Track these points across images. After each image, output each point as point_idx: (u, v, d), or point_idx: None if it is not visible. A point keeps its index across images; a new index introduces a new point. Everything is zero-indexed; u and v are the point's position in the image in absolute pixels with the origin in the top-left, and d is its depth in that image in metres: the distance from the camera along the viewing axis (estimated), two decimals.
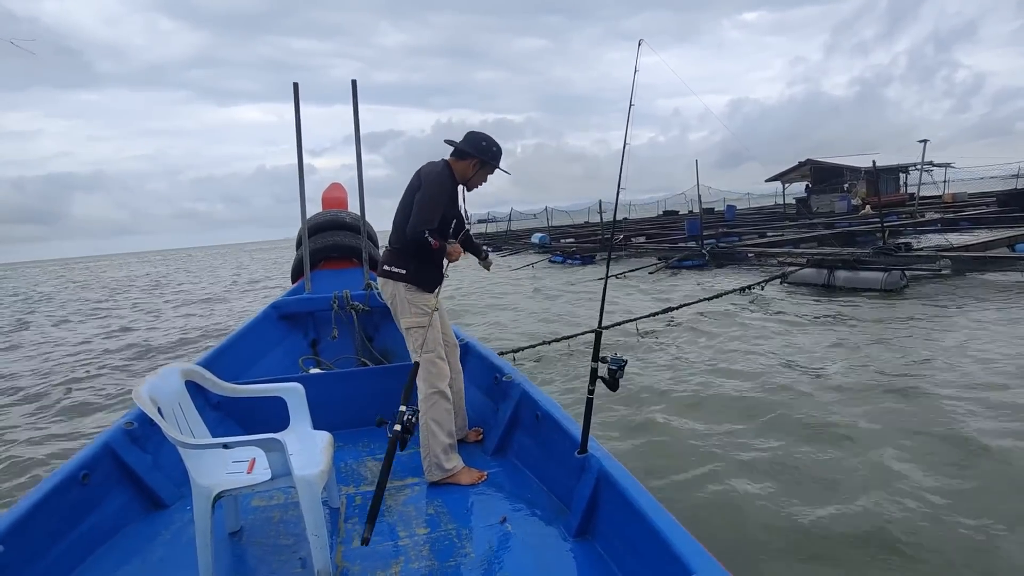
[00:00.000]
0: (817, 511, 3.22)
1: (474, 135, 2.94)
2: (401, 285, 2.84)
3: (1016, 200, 21.19)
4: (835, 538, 2.98)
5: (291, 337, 4.70)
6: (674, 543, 1.75)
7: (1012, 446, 3.80)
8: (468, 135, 2.96)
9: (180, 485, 2.69)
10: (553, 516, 2.47)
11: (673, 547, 1.74)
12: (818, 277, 10.74)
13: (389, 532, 2.44)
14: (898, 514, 3.13)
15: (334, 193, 5.85)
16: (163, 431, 1.96)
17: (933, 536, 2.94)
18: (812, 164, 34.27)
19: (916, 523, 3.05)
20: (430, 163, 2.93)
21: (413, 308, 2.84)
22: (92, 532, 2.34)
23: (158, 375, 2.25)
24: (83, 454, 2.47)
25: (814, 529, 3.07)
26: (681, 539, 1.77)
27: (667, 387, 5.63)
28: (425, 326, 2.79)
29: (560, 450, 2.55)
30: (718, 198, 36.98)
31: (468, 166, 2.91)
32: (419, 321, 2.82)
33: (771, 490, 3.49)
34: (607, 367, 2.30)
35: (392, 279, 2.86)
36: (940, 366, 5.58)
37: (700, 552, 1.70)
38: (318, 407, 2.74)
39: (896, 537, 2.94)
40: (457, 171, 2.91)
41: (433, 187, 2.77)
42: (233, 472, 2.21)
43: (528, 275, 17.74)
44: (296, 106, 4.67)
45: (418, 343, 2.80)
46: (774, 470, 3.76)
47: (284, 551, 2.33)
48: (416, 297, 2.85)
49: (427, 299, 2.87)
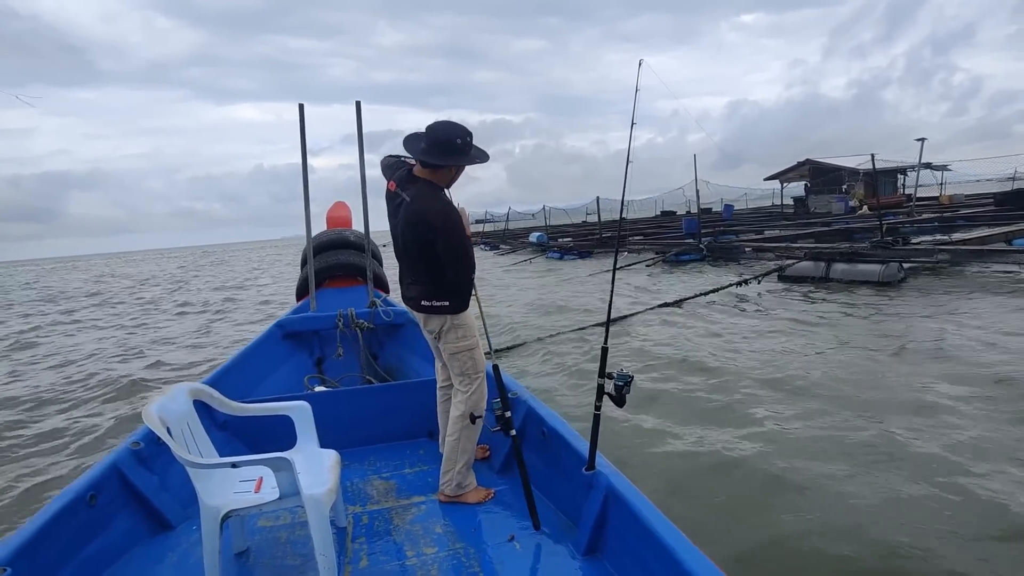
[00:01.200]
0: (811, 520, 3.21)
1: (443, 137, 2.63)
2: (448, 316, 2.75)
3: (1013, 199, 21.29)
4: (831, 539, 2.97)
5: (296, 355, 4.71)
6: (685, 561, 1.74)
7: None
8: (435, 139, 2.63)
9: (187, 506, 2.69)
10: (561, 534, 2.46)
11: (684, 565, 1.73)
12: (815, 270, 10.66)
13: (396, 551, 2.43)
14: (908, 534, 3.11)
15: (338, 212, 5.90)
16: (172, 451, 1.97)
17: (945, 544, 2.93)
18: (811, 164, 34.28)
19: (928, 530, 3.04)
20: (434, 198, 2.66)
21: (460, 331, 2.77)
22: (99, 554, 2.33)
23: (167, 395, 2.26)
24: (90, 475, 2.47)
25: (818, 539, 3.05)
26: (692, 557, 1.75)
27: (663, 385, 5.62)
28: (473, 347, 2.77)
29: (567, 467, 2.54)
30: (716, 197, 36.76)
31: (450, 171, 2.71)
32: (467, 344, 2.78)
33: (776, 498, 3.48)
34: (613, 383, 2.29)
35: (437, 313, 2.76)
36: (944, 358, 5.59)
37: (711, 569, 1.68)
38: (324, 425, 2.74)
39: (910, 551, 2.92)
40: (442, 182, 2.72)
41: (461, 231, 2.65)
42: (240, 492, 2.21)
43: (525, 269, 17.72)
44: (302, 128, 4.72)
45: (467, 366, 2.77)
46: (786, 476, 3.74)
47: (291, 572, 2.32)
48: (462, 320, 2.78)
49: (470, 319, 2.82)
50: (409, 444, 3.47)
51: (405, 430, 3.54)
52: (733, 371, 5.82)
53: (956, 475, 3.55)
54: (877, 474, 3.67)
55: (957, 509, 3.21)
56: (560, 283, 13.71)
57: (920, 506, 3.30)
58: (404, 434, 3.54)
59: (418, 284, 2.78)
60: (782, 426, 4.55)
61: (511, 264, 19.41)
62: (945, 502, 3.30)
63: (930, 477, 3.56)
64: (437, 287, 2.72)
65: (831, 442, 4.18)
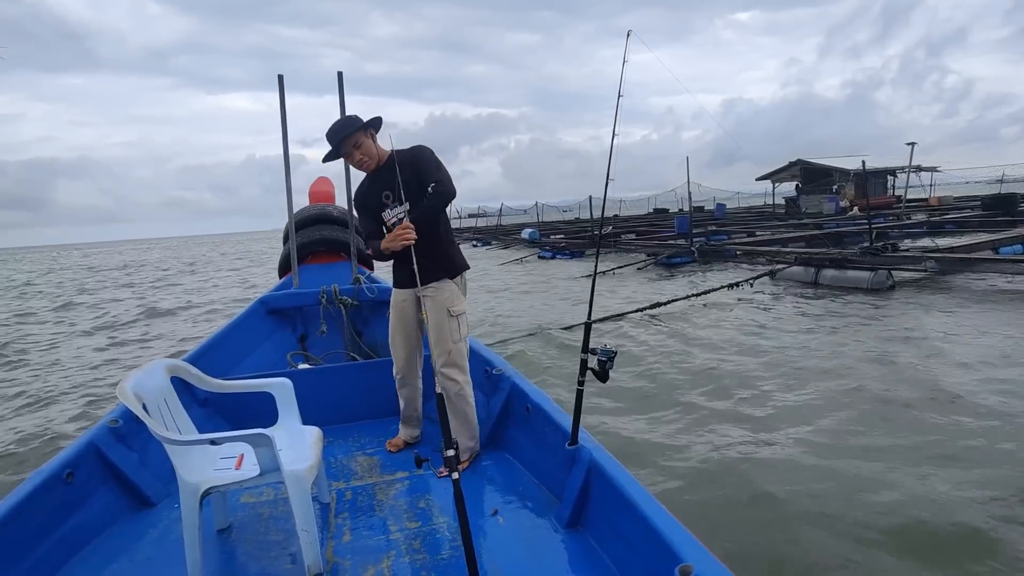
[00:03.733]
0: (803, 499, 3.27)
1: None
2: (457, 278, 2.88)
3: (1000, 204, 21.60)
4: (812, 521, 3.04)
5: (279, 333, 4.66)
6: (665, 533, 1.76)
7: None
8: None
9: (167, 483, 2.66)
10: (544, 508, 2.47)
11: (664, 537, 1.74)
12: (805, 275, 10.80)
13: (380, 526, 2.43)
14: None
15: (321, 187, 5.80)
16: (148, 428, 1.93)
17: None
18: (802, 164, 34.45)
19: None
20: (397, 150, 2.85)
21: (462, 293, 2.90)
22: (77, 531, 2.31)
23: (142, 371, 2.21)
24: (66, 453, 2.43)
25: (803, 516, 3.12)
26: (672, 529, 1.77)
27: (647, 382, 5.66)
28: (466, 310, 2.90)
29: (551, 442, 2.55)
30: (708, 197, 37.07)
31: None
32: (465, 306, 2.90)
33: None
34: (597, 358, 2.29)
35: (431, 280, 2.83)
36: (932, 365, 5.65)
37: (691, 542, 1.70)
38: (307, 403, 2.72)
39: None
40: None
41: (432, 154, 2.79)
42: (221, 469, 2.19)
43: (517, 269, 17.75)
44: (281, 98, 4.61)
45: (464, 330, 2.87)
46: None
47: (274, 547, 2.32)
48: (463, 281, 2.93)
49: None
50: (393, 421, 3.47)
51: (390, 407, 3.53)
52: (716, 371, 5.87)
53: None
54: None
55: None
56: (551, 284, 13.71)
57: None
58: (389, 411, 3.53)
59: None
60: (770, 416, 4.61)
61: (502, 263, 19.42)
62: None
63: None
64: (440, 252, 2.85)
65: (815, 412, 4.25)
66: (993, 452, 3.71)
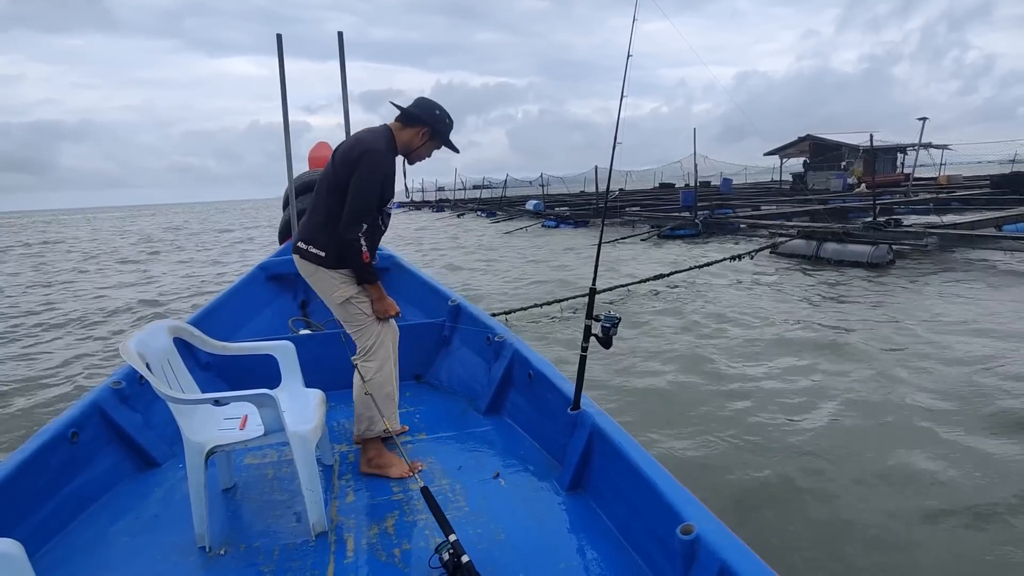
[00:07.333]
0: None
1: (427, 101, 2.55)
2: (323, 269, 2.52)
3: (1010, 182, 21.25)
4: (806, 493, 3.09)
5: (280, 299, 4.66)
6: (666, 494, 1.77)
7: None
8: (419, 100, 2.56)
9: (172, 444, 2.68)
10: (546, 471, 2.50)
11: (666, 498, 1.76)
12: (807, 248, 10.80)
13: (383, 487, 2.46)
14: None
15: (321, 152, 5.72)
16: (153, 387, 1.93)
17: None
18: (811, 140, 33.84)
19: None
20: (369, 130, 2.52)
21: (341, 277, 2.56)
22: (83, 490, 2.33)
23: (145, 331, 2.20)
24: (70, 413, 2.44)
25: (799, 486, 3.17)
26: (673, 490, 1.79)
27: (654, 348, 5.69)
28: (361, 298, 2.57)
29: (553, 407, 2.56)
30: (715, 171, 36.32)
31: (416, 135, 2.51)
32: (355, 291, 2.57)
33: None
34: (600, 324, 2.29)
35: (310, 261, 2.52)
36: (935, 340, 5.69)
37: (692, 502, 1.72)
38: (309, 368, 2.72)
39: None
40: (401, 140, 2.51)
41: (375, 172, 2.38)
42: (225, 429, 2.20)
43: (522, 237, 17.68)
44: (280, 59, 4.51)
45: (364, 315, 2.61)
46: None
47: (279, 507, 2.34)
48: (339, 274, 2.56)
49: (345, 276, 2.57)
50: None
51: None
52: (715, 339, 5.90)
53: None
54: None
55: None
56: (554, 252, 13.66)
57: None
58: None
59: (313, 223, 2.54)
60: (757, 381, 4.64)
61: (506, 232, 19.33)
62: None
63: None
64: (322, 231, 2.48)
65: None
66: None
